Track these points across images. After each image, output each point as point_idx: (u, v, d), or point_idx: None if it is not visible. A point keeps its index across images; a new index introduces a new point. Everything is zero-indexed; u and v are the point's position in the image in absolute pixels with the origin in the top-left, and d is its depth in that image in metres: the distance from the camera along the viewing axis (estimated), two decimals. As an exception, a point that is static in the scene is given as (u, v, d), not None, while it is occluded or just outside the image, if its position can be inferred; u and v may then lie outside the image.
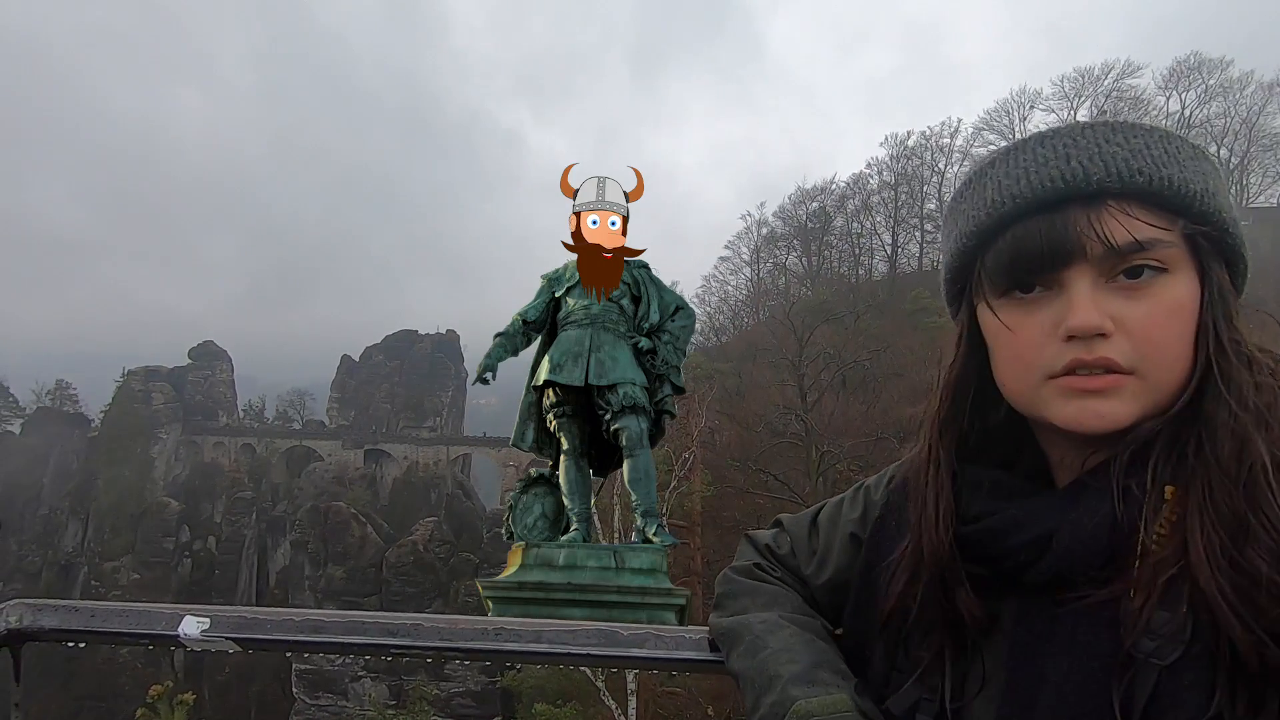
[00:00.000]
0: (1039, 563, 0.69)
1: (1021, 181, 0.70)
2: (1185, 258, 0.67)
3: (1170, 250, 0.66)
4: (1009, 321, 0.71)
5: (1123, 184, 0.66)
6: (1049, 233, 0.68)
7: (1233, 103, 45.42)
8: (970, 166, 0.78)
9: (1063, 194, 0.68)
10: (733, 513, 24.84)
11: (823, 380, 29.24)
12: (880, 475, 0.96)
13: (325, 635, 1.02)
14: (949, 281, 0.81)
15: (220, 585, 51.77)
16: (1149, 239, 0.65)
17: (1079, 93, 47.98)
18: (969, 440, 0.80)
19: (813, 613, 0.92)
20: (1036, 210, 0.69)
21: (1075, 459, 0.73)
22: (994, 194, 0.72)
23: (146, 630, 0.99)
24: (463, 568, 45.14)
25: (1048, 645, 0.68)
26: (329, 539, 47.10)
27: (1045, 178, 0.68)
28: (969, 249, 0.75)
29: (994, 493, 0.75)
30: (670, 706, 17.25)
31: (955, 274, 0.79)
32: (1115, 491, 0.66)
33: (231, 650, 1.01)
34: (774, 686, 0.77)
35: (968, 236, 0.75)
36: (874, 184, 57.34)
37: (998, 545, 0.72)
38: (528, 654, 0.98)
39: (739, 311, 57.26)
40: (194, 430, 59.31)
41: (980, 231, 0.73)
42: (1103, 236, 0.66)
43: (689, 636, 0.95)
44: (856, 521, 0.92)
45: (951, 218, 0.79)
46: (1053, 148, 0.69)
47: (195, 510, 55.05)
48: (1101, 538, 0.66)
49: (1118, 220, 0.66)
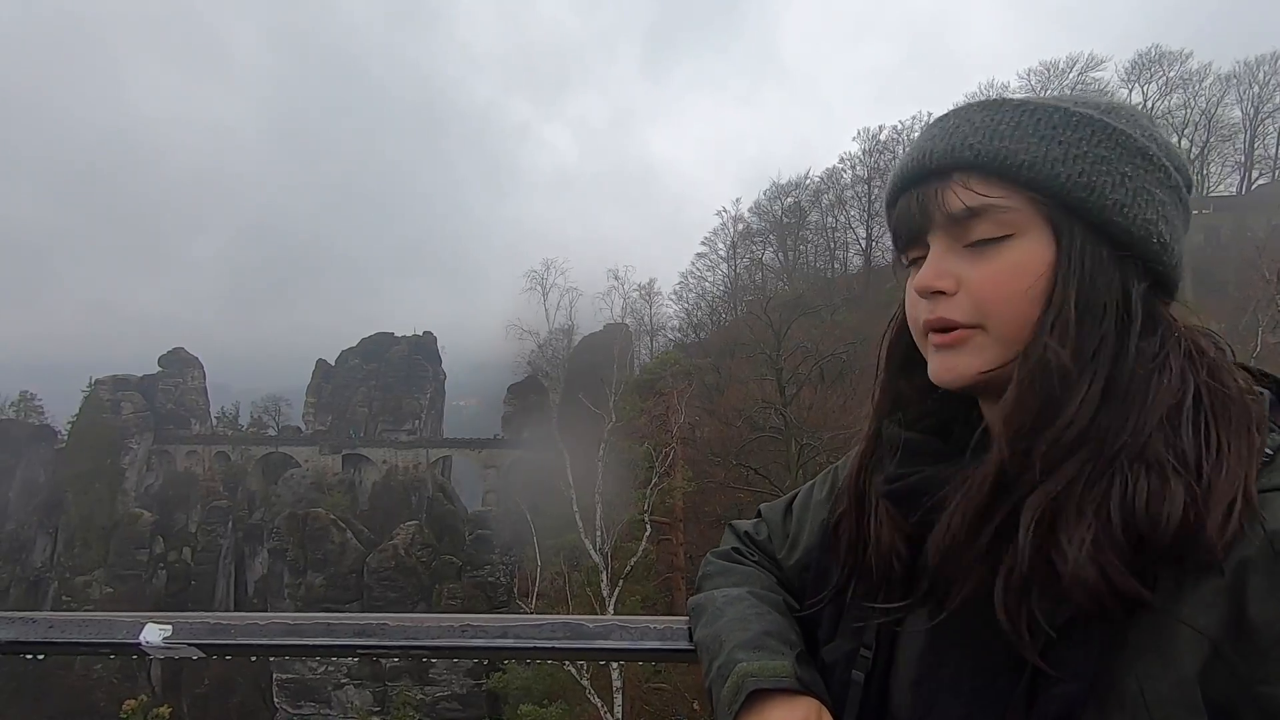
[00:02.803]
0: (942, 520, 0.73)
1: (900, 164, 0.80)
2: (1037, 224, 0.71)
3: (1011, 215, 0.71)
4: (905, 285, 0.80)
5: (954, 159, 0.73)
6: (909, 207, 0.77)
7: (1192, 94, 46.56)
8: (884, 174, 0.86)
9: (920, 171, 0.76)
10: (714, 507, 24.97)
11: (801, 374, 29.44)
12: (847, 456, 0.99)
13: (293, 638, 1.02)
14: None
15: (197, 596, 50.80)
16: (980, 205, 0.71)
17: (1045, 85, 48.80)
18: (909, 404, 0.85)
19: (779, 590, 0.96)
20: (907, 186, 0.78)
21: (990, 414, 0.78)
22: (893, 175, 0.81)
23: (107, 639, 0.98)
24: (445, 570, 44.76)
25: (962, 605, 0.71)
26: (308, 546, 46.41)
27: (910, 159, 0.78)
28: (888, 221, 0.83)
29: (917, 455, 0.80)
30: (656, 702, 17.29)
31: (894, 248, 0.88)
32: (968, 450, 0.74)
33: (196, 657, 1.00)
34: (723, 650, 0.84)
35: (885, 211, 0.83)
36: (847, 178, 57.94)
37: (913, 504, 0.77)
38: (495, 649, 0.99)
39: (717, 307, 57.43)
40: (166, 439, 58.02)
41: (886, 205, 0.82)
42: (941, 205, 0.74)
43: (654, 627, 0.97)
44: (823, 501, 0.98)
45: None
46: (928, 132, 0.78)
47: (169, 521, 53.91)
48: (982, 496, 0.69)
49: (955, 192, 0.73)
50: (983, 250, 0.72)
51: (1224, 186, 48.63)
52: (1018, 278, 0.71)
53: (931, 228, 0.75)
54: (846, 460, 0.98)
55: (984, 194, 0.72)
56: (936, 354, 0.75)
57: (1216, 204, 46.18)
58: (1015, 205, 0.71)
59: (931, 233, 0.75)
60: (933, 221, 0.75)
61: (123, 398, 56.68)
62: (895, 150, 54.85)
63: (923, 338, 0.77)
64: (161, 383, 59.92)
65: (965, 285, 0.72)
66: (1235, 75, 45.53)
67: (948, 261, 0.74)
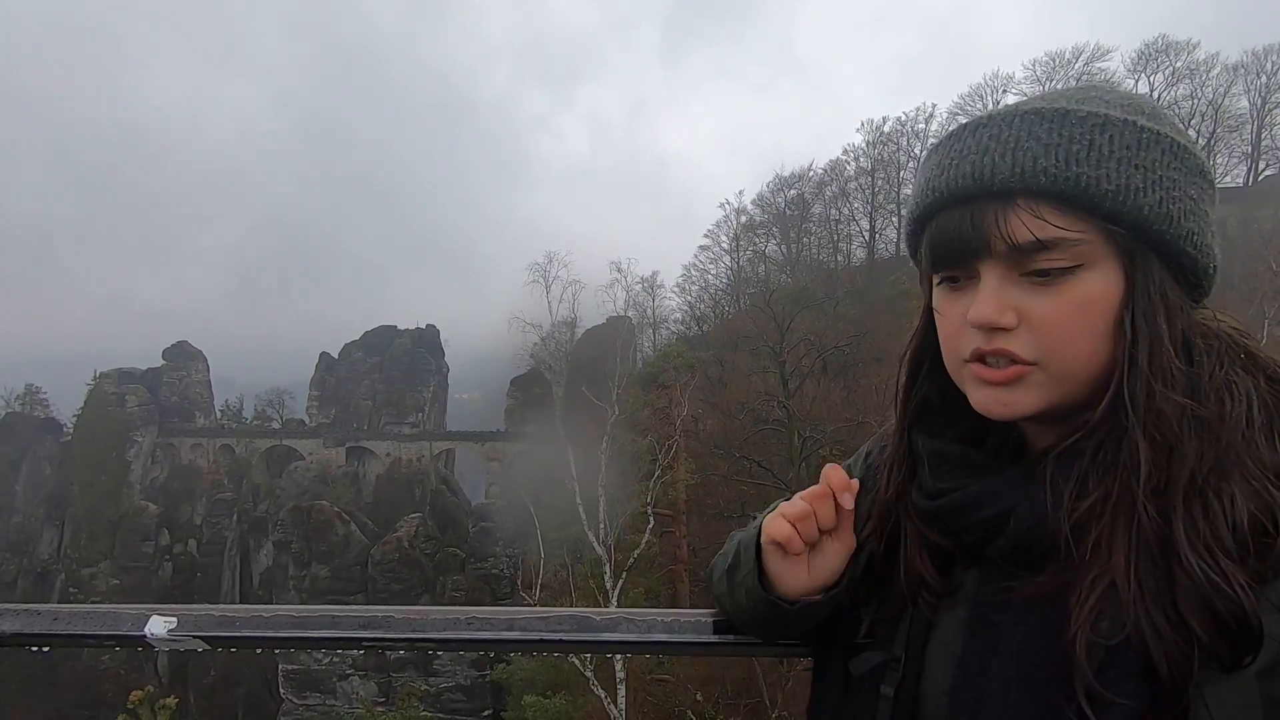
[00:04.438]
0: (997, 539, 0.71)
1: (944, 175, 0.71)
2: (1107, 254, 0.66)
3: (1082, 248, 0.66)
4: (939, 305, 0.75)
5: (1025, 183, 0.66)
6: (961, 228, 0.69)
7: (1199, 84, 46.14)
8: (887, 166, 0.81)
9: (973, 191, 0.68)
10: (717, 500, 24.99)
11: (804, 367, 29.41)
12: (860, 451, 0.98)
13: (298, 631, 1.01)
14: (913, 258, 0.83)
15: (203, 588, 51.14)
16: (1052, 239, 0.65)
17: (1050, 76, 48.41)
18: (936, 413, 0.81)
19: None
20: (954, 203, 0.70)
21: (1041, 433, 0.74)
22: (924, 183, 0.74)
23: (111, 632, 0.97)
24: (449, 563, 44.98)
25: (1004, 616, 0.70)
26: (312, 538, 46.65)
27: (960, 174, 0.69)
28: (913, 233, 0.78)
29: (957, 468, 0.76)
30: (659, 694, 17.37)
31: (912, 253, 0.81)
32: (1047, 490, 0.68)
33: (201, 649, 0.99)
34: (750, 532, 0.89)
35: (910, 222, 0.78)
36: (851, 170, 57.64)
37: (959, 521, 0.74)
38: (501, 642, 0.98)
39: (719, 300, 57.28)
40: (170, 432, 58.28)
41: (914, 219, 0.76)
42: (1006, 235, 0.66)
43: (661, 619, 0.96)
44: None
45: (909, 199, 0.82)
46: (978, 139, 0.70)
47: (174, 513, 54.24)
48: (1051, 527, 0.67)
49: (1022, 220, 0.66)
50: (1048, 283, 0.66)
51: (1231, 178, 48.26)
52: (1087, 314, 0.66)
53: (986, 255, 0.68)
54: (858, 456, 0.96)
55: (1058, 225, 0.65)
56: (985, 387, 0.70)
57: (1223, 195, 44.47)
58: (1088, 237, 0.66)
59: (985, 260, 0.69)
60: (989, 250, 0.68)
61: (127, 391, 56.91)
62: (899, 142, 54.66)
63: (962, 366, 0.73)
64: (166, 376, 60.15)
65: (1028, 320, 0.67)
66: (1243, 65, 45.12)
67: (1007, 292, 0.67)
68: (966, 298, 0.71)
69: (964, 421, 0.79)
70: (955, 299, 0.72)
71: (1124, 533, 0.63)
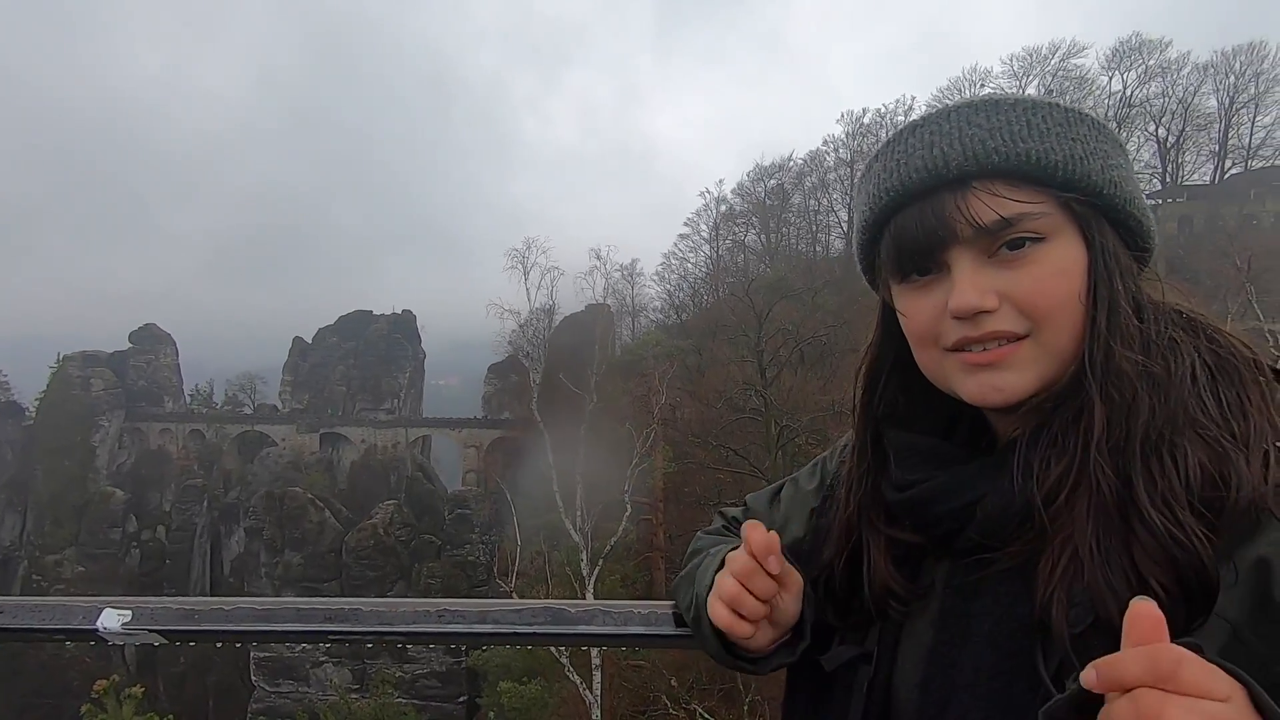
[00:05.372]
0: (966, 529, 0.71)
1: (895, 175, 0.72)
2: (1066, 223, 0.69)
3: (1045, 219, 0.68)
4: (904, 307, 0.75)
5: (979, 165, 0.68)
6: (922, 221, 0.70)
7: (1170, 83, 46.96)
8: (866, 157, 0.81)
9: (928, 182, 0.70)
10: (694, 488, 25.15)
11: (781, 356, 29.60)
12: (834, 447, 0.98)
13: (261, 624, 0.97)
14: (864, 268, 0.84)
15: (172, 575, 50.31)
16: (1015, 214, 0.67)
17: (1027, 71, 48.95)
18: (901, 408, 0.82)
19: None
20: (910, 200, 0.71)
21: (1010, 423, 0.75)
22: (874, 189, 0.74)
23: (62, 625, 0.93)
24: (425, 550, 44.72)
25: (973, 606, 0.71)
26: (285, 525, 46.07)
27: (912, 169, 0.71)
28: (865, 242, 0.79)
29: (927, 460, 0.77)
30: (635, 680, 17.50)
31: (864, 262, 0.82)
32: (1017, 465, 0.68)
33: (157, 644, 0.95)
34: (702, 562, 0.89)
35: (862, 231, 0.78)
36: (830, 161, 57.88)
37: (927, 512, 0.74)
38: (474, 635, 0.96)
39: (699, 289, 57.44)
40: (138, 417, 56.95)
41: (869, 226, 0.76)
42: (970, 218, 0.68)
43: (637, 611, 0.94)
44: (813, 494, 0.96)
45: (855, 208, 0.82)
46: (920, 137, 0.72)
47: (142, 499, 53.15)
48: (1019, 508, 0.68)
49: (982, 201, 0.68)
50: (1019, 258, 0.68)
51: (1198, 176, 49.34)
52: (1065, 281, 0.68)
53: (953, 243, 0.69)
54: (834, 451, 0.96)
55: (1017, 200, 0.67)
56: (976, 374, 0.70)
57: (1190, 193, 46.87)
58: (1047, 209, 0.68)
59: (952, 249, 0.70)
60: (956, 237, 0.69)
61: (93, 374, 55.46)
62: (878, 134, 54.91)
63: (944, 358, 0.73)
64: (133, 359, 58.72)
65: (1010, 297, 0.68)
66: (1212, 65, 46.00)
67: (982, 277, 0.68)
68: (935, 292, 0.72)
69: (930, 419, 0.80)
70: (922, 295, 0.73)
71: (1085, 495, 0.64)
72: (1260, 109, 45.85)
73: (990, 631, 0.68)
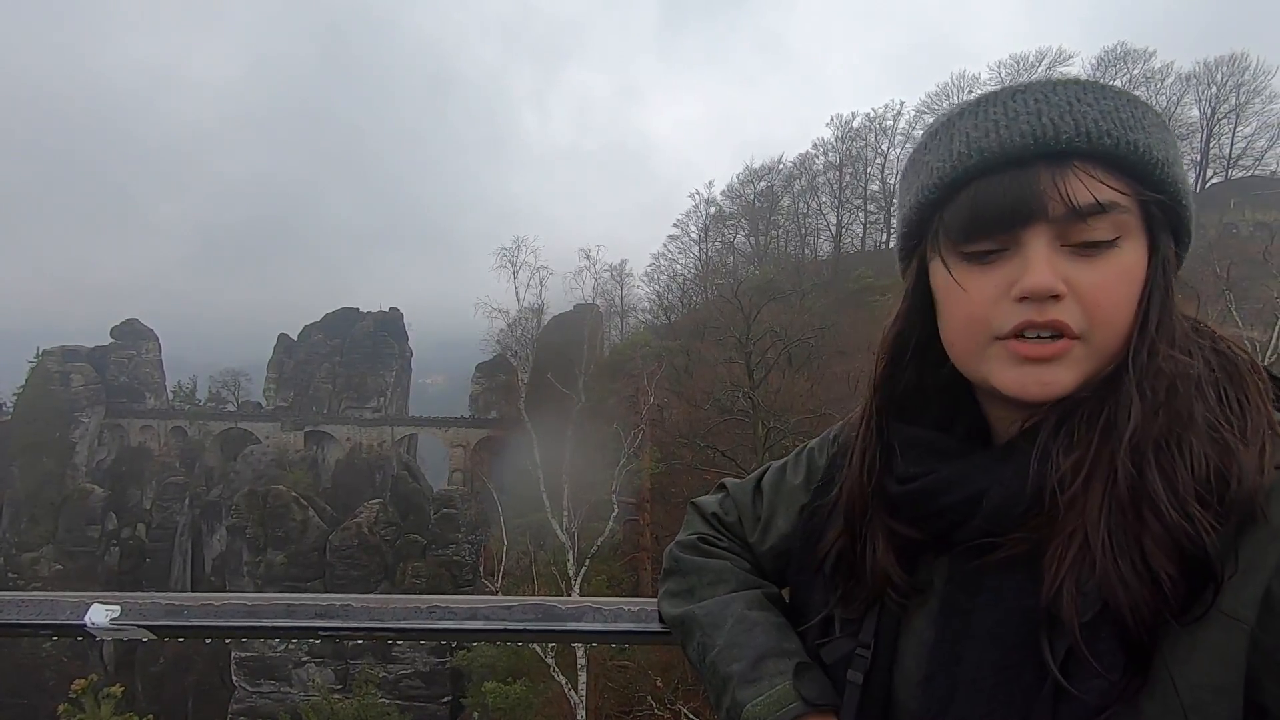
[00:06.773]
0: (968, 522, 0.70)
1: (990, 135, 0.67)
2: (1138, 226, 0.67)
3: (1125, 217, 0.66)
4: (962, 279, 0.70)
5: (1090, 145, 0.65)
6: (1013, 190, 0.66)
7: (1154, 93, 47.58)
8: (936, 118, 0.75)
9: (1030, 151, 0.66)
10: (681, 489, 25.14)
11: (769, 358, 29.70)
12: (823, 437, 0.97)
13: (251, 620, 0.97)
14: (904, 236, 0.78)
15: (152, 574, 49.64)
16: (1109, 201, 0.65)
17: (1014, 79, 49.22)
18: (905, 400, 0.80)
19: (759, 581, 0.93)
20: (1003, 166, 0.67)
21: (1013, 420, 0.74)
22: (960, 146, 0.69)
23: (49, 621, 0.93)
24: (410, 549, 44.40)
25: (975, 600, 0.70)
26: (268, 523, 45.57)
27: (1015, 133, 0.66)
28: (929, 202, 0.72)
29: (929, 453, 0.76)
30: (620, 679, 17.48)
31: (912, 228, 0.76)
32: (1035, 454, 0.68)
33: (146, 639, 0.95)
34: (727, 689, 0.81)
35: (929, 189, 0.72)
36: (820, 164, 58.15)
37: (929, 505, 0.73)
38: (464, 631, 0.96)
39: (687, 290, 57.45)
40: (118, 413, 56.13)
41: (943, 184, 0.70)
42: (1065, 196, 0.64)
43: (627, 609, 0.95)
44: (800, 487, 0.94)
45: (912, 170, 0.76)
46: (1024, 102, 0.67)
47: (122, 497, 52.42)
48: (1027, 499, 0.67)
49: (1081, 181, 0.65)
50: (1092, 253, 0.66)
51: (1179, 184, 49.96)
52: (1128, 284, 0.66)
53: (1038, 220, 0.65)
54: (824, 443, 0.96)
55: (1112, 188, 0.65)
56: (1023, 365, 0.67)
57: None
58: (1129, 206, 0.66)
59: (1032, 226, 0.66)
60: (1044, 213, 0.65)
61: (72, 369, 54.59)
62: (867, 138, 55.29)
63: (989, 344, 0.69)
64: (114, 354, 57.87)
65: (1076, 291, 0.65)
66: (1195, 75, 46.74)
67: (1057, 262, 0.66)
68: (1000, 269, 0.68)
69: (933, 408, 0.79)
70: (984, 273, 0.68)
71: (1099, 486, 0.64)
72: (1241, 119, 46.73)
73: (993, 626, 0.68)
